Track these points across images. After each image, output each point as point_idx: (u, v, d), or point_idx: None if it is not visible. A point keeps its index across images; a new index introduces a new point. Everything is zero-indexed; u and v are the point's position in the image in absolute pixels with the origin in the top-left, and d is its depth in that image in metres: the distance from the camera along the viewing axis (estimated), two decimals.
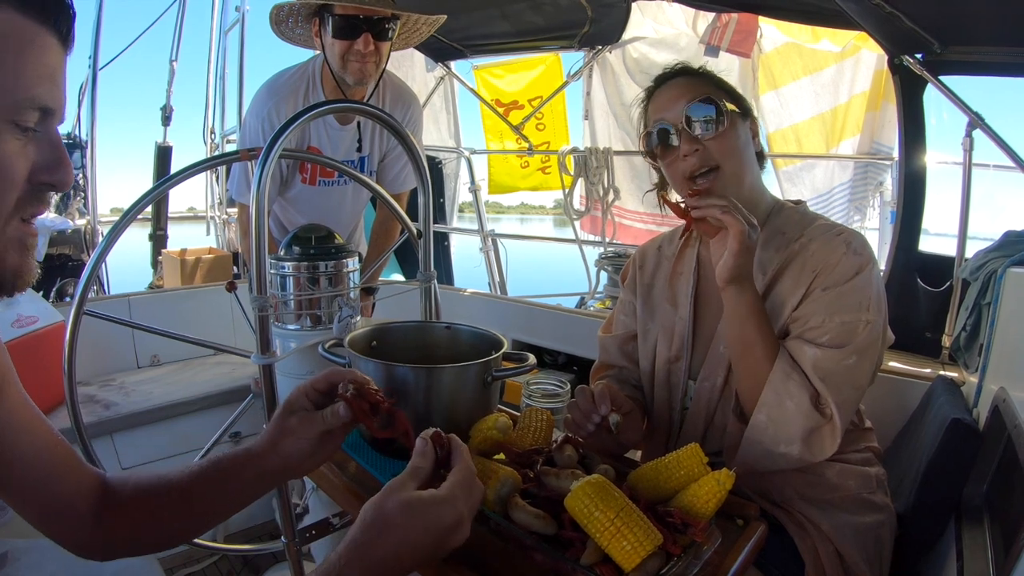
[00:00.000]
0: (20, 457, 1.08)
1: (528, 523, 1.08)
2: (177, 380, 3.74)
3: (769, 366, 1.49)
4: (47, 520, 1.15)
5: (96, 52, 6.48)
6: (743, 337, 1.52)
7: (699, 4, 3.37)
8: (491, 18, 3.86)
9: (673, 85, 1.70)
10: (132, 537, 1.20)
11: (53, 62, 0.85)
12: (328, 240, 1.89)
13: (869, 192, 4.95)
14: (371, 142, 2.95)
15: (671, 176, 1.72)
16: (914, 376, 2.42)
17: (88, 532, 1.16)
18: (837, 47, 4.56)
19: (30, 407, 1.14)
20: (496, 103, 5.84)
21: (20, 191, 0.85)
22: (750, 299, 1.49)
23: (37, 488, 1.12)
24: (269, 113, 2.72)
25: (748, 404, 1.55)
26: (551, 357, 3.91)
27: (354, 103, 2.12)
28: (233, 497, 1.20)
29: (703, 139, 1.61)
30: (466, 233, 6.23)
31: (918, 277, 3.09)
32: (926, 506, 1.73)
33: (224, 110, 7.30)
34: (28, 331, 3.10)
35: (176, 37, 7.31)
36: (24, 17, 0.81)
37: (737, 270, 1.46)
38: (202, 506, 1.20)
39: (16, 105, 0.81)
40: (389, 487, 0.93)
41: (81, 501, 1.15)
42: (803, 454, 1.46)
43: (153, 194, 2.01)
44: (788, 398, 1.45)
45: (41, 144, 0.86)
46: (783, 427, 1.46)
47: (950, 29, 2.50)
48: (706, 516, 1.12)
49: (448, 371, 1.42)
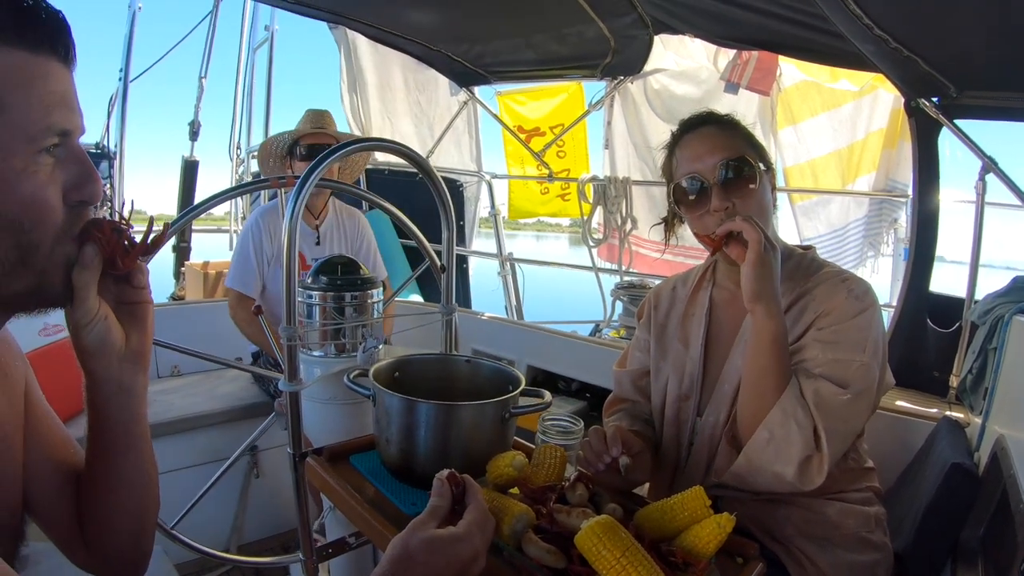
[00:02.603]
0: (40, 469, 1.12)
1: (540, 557, 1.14)
2: (197, 392, 3.79)
3: (775, 396, 1.50)
4: (59, 533, 1.17)
5: (127, 66, 6.58)
6: (760, 362, 1.53)
7: (719, 41, 3.40)
8: (516, 46, 3.89)
9: (705, 135, 1.72)
10: (100, 550, 1.18)
11: (61, 86, 0.88)
12: (354, 270, 1.95)
13: (883, 228, 4.94)
14: (330, 242, 3.58)
15: (695, 225, 1.74)
16: (920, 416, 2.45)
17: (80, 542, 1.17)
18: (855, 86, 4.59)
19: (51, 417, 1.18)
20: (518, 129, 5.88)
21: (60, 215, 0.89)
22: (775, 326, 1.49)
23: (52, 500, 1.14)
24: (259, 217, 3.40)
25: (745, 427, 1.58)
26: (564, 384, 3.94)
27: (377, 140, 2.26)
28: (109, 441, 1.11)
29: (733, 198, 1.64)
30: (485, 256, 6.30)
31: (928, 317, 3.11)
32: (924, 547, 1.77)
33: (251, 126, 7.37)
34: (54, 340, 3.16)
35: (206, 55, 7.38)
36: (23, 51, 0.84)
37: (758, 283, 1.46)
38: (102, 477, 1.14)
39: (36, 138, 0.85)
40: (412, 525, 0.99)
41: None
42: (795, 479, 1.48)
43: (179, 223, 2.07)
44: (795, 421, 1.47)
45: (68, 164, 0.90)
46: (784, 447, 1.48)
47: (966, 74, 2.51)
48: (706, 556, 1.16)
49: (467, 408, 1.46)
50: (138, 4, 6.64)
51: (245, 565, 3.16)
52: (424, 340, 2.64)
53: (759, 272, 1.46)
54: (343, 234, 3.63)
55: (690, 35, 3.41)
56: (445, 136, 5.98)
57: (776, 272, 1.50)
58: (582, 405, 3.75)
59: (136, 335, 1.08)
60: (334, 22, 4.79)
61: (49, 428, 1.16)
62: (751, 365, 1.56)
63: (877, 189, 4.89)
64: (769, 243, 1.48)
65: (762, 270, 1.46)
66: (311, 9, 3.60)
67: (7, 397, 1.06)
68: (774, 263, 1.49)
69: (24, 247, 0.87)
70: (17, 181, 0.84)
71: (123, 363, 1.06)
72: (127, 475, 1.14)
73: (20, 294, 0.90)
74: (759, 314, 1.50)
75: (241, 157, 7.35)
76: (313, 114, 3.50)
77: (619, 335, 4.65)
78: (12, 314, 0.96)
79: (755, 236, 1.46)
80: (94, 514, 1.16)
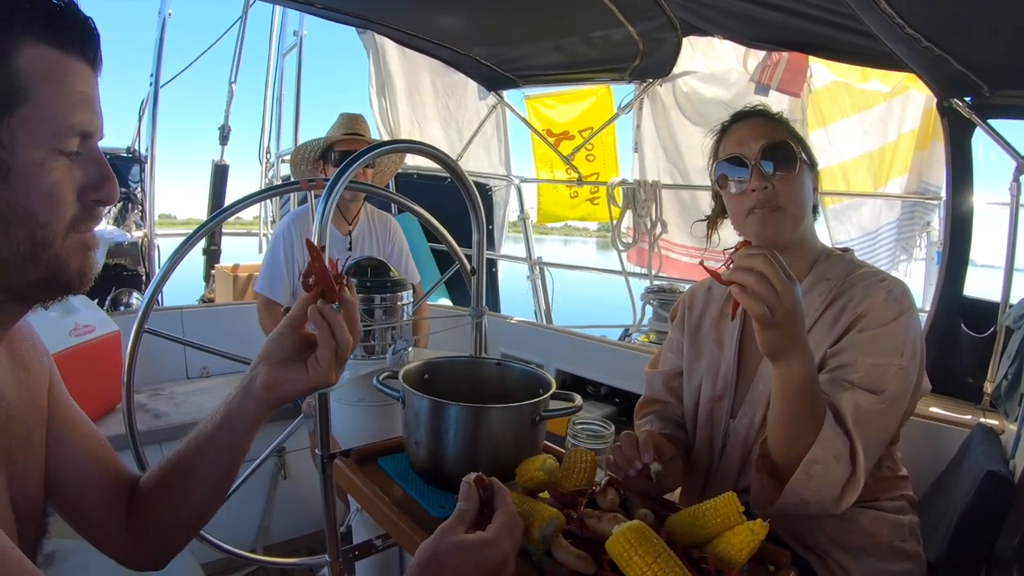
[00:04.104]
0: (65, 461, 1.14)
1: (570, 562, 1.13)
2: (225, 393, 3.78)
3: (811, 438, 1.42)
4: (86, 524, 1.20)
5: (158, 71, 6.62)
6: (789, 411, 1.44)
7: (749, 42, 3.37)
8: (544, 49, 3.88)
9: (752, 123, 1.75)
10: (156, 534, 1.23)
11: (86, 88, 0.90)
12: (383, 272, 1.95)
13: (916, 232, 4.87)
14: (361, 248, 3.57)
15: (733, 208, 1.76)
16: (954, 423, 2.42)
17: (122, 536, 1.21)
18: (886, 87, 4.53)
19: (75, 410, 1.20)
20: (547, 133, 5.85)
21: (73, 211, 0.91)
22: (797, 375, 1.38)
23: (79, 491, 1.17)
24: (291, 222, 3.45)
25: (780, 462, 1.51)
26: (593, 388, 3.92)
27: (407, 141, 2.27)
28: (226, 443, 1.20)
29: (773, 178, 1.65)
30: (515, 260, 6.29)
31: (962, 322, 3.06)
32: (958, 556, 1.73)
33: (280, 131, 7.41)
34: (85, 340, 3.20)
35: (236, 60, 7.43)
36: (54, 50, 0.86)
37: (770, 346, 1.35)
38: (198, 480, 1.20)
39: (58, 134, 0.86)
40: (441, 530, 0.99)
41: (119, 505, 1.21)
42: (834, 507, 1.46)
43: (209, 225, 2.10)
44: (834, 457, 1.42)
45: (86, 164, 0.92)
46: (824, 481, 1.43)
47: (1000, 73, 2.47)
48: (739, 563, 1.15)
49: (497, 411, 1.46)
50: (168, 10, 6.69)
51: (271, 566, 3.18)
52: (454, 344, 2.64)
53: (765, 337, 1.34)
54: (374, 238, 3.65)
55: (719, 37, 3.39)
56: (474, 140, 5.97)
57: (797, 320, 1.33)
58: (611, 410, 3.73)
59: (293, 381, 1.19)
60: (362, 27, 4.80)
61: (74, 424, 1.19)
62: (781, 409, 1.46)
63: (909, 191, 4.82)
64: (787, 276, 1.31)
65: (769, 334, 1.33)
66: (340, 14, 3.61)
67: (29, 392, 1.07)
68: (788, 319, 1.31)
69: (38, 241, 0.88)
70: (36, 173, 0.86)
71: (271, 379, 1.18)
72: (212, 496, 1.23)
73: (33, 285, 0.91)
74: (779, 368, 1.40)
75: (271, 161, 7.40)
76: (347, 118, 3.52)
77: (649, 339, 4.62)
78: (30, 307, 0.97)
79: (754, 312, 1.29)
80: (153, 517, 1.22)
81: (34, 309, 0.98)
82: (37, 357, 1.13)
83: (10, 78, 0.83)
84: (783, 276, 1.29)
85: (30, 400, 1.07)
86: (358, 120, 3.53)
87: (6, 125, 0.83)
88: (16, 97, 0.83)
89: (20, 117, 0.83)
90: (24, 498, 1.01)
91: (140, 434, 1.99)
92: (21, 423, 1.03)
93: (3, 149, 0.83)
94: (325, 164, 3.45)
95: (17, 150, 0.83)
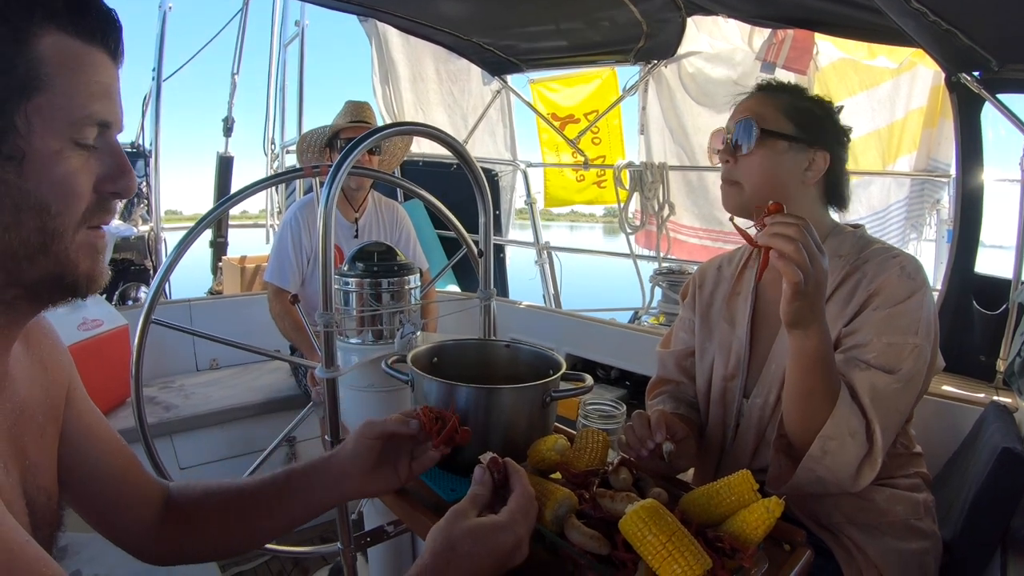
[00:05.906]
0: (83, 461, 1.14)
1: (583, 543, 1.12)
2: (235, 384, 3.85)
3: (826, 413, 1.43)
4: (106, 523, 1.21)
5: (160, 64, 6.62)
6: (804, 384, 1.44)
7: (754, 20, 3.34)
8: (547, 33, 3.86)
9: (746, 100, 1.78)
10: (194, 546, 1.26)
11: (106, 78, 0.89)
12: (390, 257, 1.93)
13: (925, 210, 4.84)
14: (368, 235, 3.62)
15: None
16: (967, 401, 2.41)
17: (147, 538, 1.22)
18: (893, 63, 4.49)
19: (95, 412, 1.20)
20: (552, 117, 5.84)
21: (87, 202, 0.89)
22: (814, 346, 1.38)
23: (99, 491, 1.17)
24: (297, 211, 3.51)
25: (795, 440, 1.52)
26: (603, 371, 3.93)
27: (411, 124, 2.27)
28: (295, 512, 1.27)
29: (736, 155, 1.71)
30: (522, 245, 6.28)
31: (974, 299, 3.03)
32: (973, 535, 1.72)
33: (284, 121, 7.42)
34: (93, 334, 3.22)
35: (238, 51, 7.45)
36: (75, 39, 0.85)
37: (794, 315, 1.34)
38: (266, 519, 1.26)
39: (75, 124, 0.85)
40: (454, 513, 0.99)
41: (144, 508, 1.22)
42: (850, 484, 1.46)
43: (215, 213, 2.08)
44: (848, 433, 1.42)
45: (103, 156, 0.90)
46: (840, 458, 1.43)
47: (1008, 47, 2.44)
48: (755, 542, 1.14)
49: (507, 392, 1.44)
50: (168, 4, 6.69)
51: (283, 554, 3.19)
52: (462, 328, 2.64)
53: (792, 306, 1.33)
54: (382, 226, 3.66)
55: (724, 15, 3.35)
56: (479, 126, 5.95)
57: (821, 292, 1.35)
58: (622, 393, 3.74)
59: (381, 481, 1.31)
60: (364, 15, 4.79)
61: (91, 429, 1.18)
62: (795, 385, 1.47)
63: (918, 169, 4.79)
64: (817, 248, 1.31)
65: (796, 304, 1.32)
66: (340, 2, 3.58)
67: (44, 389, 1.06)
68: (816, 290, 1.33)
69: (49, 232, 0.86)
70: (52, 162, 0.84)
71: (361, 476, 1.29)
72: (271, 535, 1.31)
73: (43, 281, 0.90)
74: (796, 337, 1.40)
75: (275, 151, 7.42)
76: (353, 106, 3.52)
77: (658, 322, 4.60)
78: (41, 306, 0.95)
79: (791, 278, 1.29)
80: (196, 535, 1.27)
81: (45, 309, 0.97)
82: (57, 357, 1.13)
83: (29, 64, 0.82)
84: (815, 247, 1.29)
85: (44, 396, 1.06)
86: (364, 108, 3.53)
87: (22, 112, 0.81)
88: (34, 84, 0.82)
89: (37, 104, 0.82)
90: (38, 492, 1.01)
91: (151, 426, 2.00)
92: (33, 419, 1.02)
93: (19, 136, 0.81)
94: (331, 152, 3.47)
95: (33, 138, 0.82)
